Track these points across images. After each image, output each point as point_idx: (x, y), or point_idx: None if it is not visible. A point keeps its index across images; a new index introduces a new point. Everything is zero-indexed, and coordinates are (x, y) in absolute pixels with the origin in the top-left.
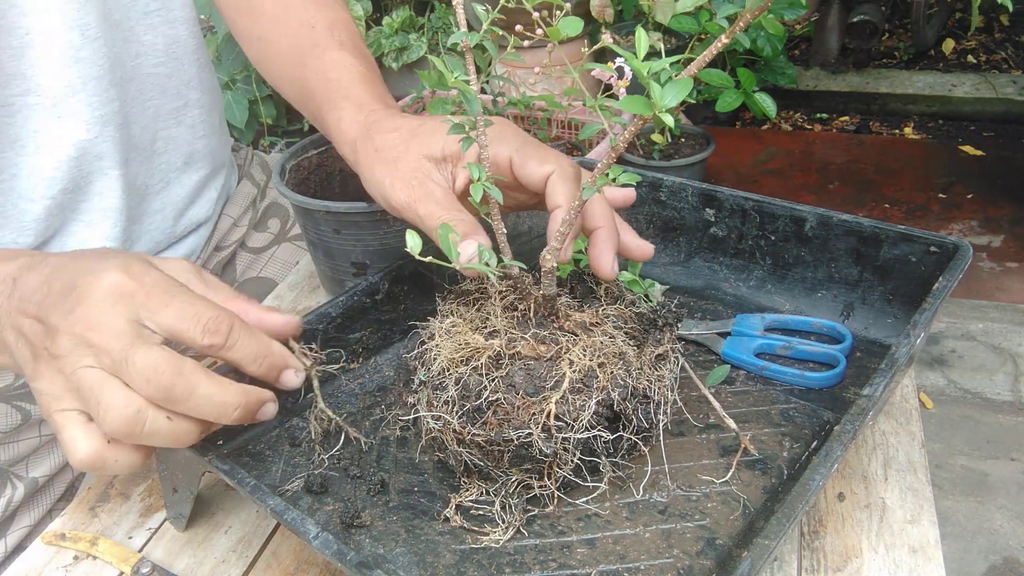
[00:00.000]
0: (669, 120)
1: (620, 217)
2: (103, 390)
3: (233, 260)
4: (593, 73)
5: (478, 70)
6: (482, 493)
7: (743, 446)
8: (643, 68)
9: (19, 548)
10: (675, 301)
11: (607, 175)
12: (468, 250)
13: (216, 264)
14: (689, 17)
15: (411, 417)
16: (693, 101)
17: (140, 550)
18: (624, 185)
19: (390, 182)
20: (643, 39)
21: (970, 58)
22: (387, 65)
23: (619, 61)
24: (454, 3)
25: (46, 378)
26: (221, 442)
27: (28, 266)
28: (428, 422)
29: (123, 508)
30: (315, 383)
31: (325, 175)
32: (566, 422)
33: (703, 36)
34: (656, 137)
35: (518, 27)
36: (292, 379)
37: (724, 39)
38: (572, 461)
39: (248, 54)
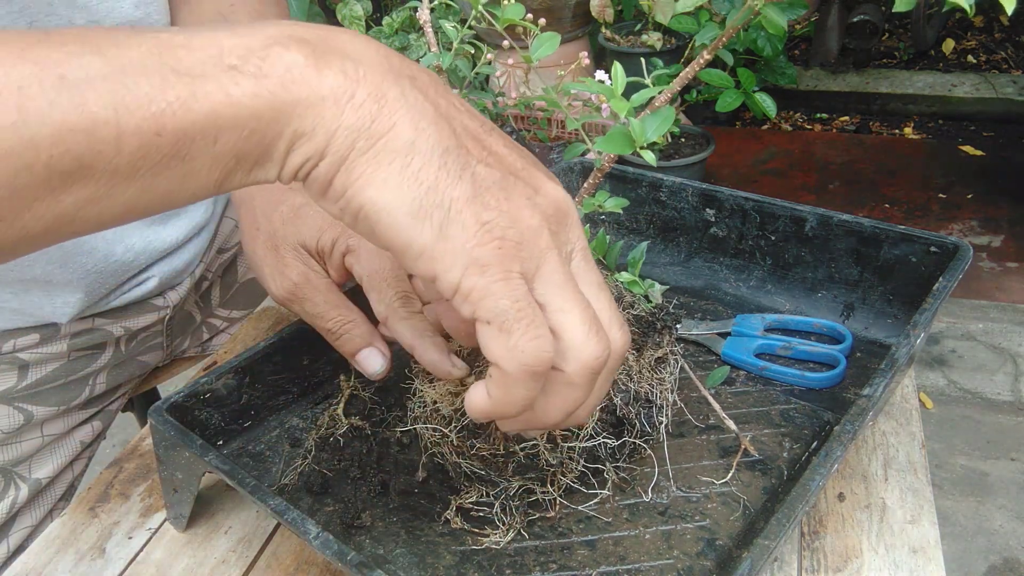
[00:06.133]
0: (650, 157)
1: None
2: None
3: (235, 262)
4: (573, 91)
5: (453, 85)
6: (482, 495)
7: (743, 447)
8: (623, 107)
9: (20, 549)
10: (674, 301)
11: (593, 197)
12: (374, 364)
13: (219, 267)
14: (689, 17)
15: (408, 428)
16: (693, 101)
17: (140, 550)
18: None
19: (270, 271)
20: (620, 76)
21: (970, 58)
22: None
23: (599, 75)
24: (422, 22)
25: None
26: (221, 442)
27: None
28: (426, 436)
29: (123, 508)
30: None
31: None
32: (571, 431)
33: None
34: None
35: (489, 55)
36: None
37: (706, 55)
38: (577, 469)
39: None
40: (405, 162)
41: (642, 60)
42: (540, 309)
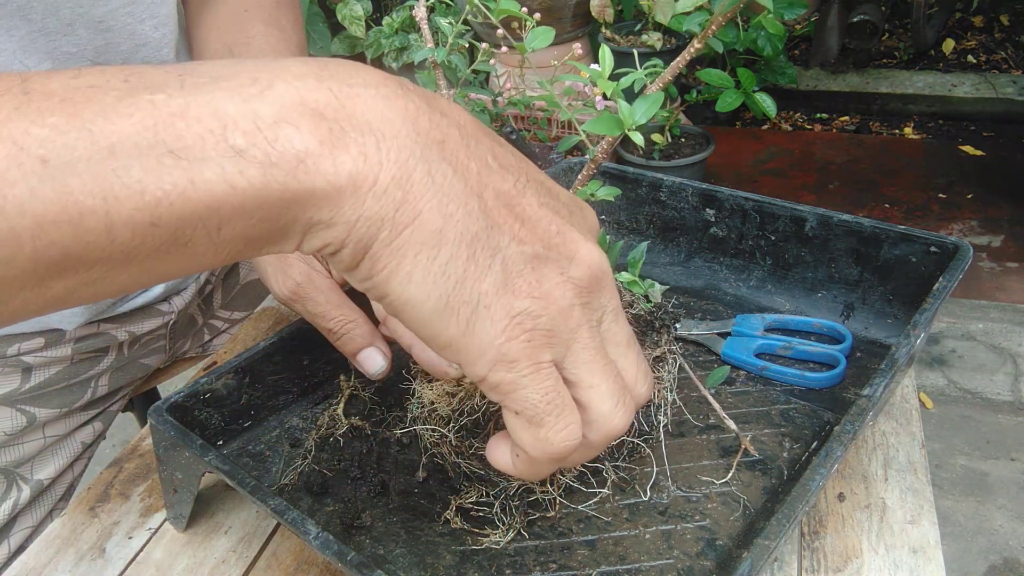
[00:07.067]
0: (639, 138)
1: None
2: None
3: (236, 264)
4: (567, 84)
5: (450, 83)
6: (482, 495)
7: (743, 447)
8: (610, 87)
9: (21, 549)
10: (674, 301)
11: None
12: (375, 364)
13: (221, 269)
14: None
15: (408, 428)
16: (693, 101)
17: (140, 550)
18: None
19: (274, 271)
20: (607, 59)
21: (970, 58)
22: (387, 65)
23: (594, 67)
24: (418, 19)
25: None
26: (221, 442)
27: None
28: (425, 436)
29: (123, 508)
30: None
31: None
32: None
33: None
34: (656, 137)
35: (484, 45)
36: None
37: (696, 44)
38: (576, 469)
39: None
40: (432, 255)
41: (635, 54)
42: (569, 386)
